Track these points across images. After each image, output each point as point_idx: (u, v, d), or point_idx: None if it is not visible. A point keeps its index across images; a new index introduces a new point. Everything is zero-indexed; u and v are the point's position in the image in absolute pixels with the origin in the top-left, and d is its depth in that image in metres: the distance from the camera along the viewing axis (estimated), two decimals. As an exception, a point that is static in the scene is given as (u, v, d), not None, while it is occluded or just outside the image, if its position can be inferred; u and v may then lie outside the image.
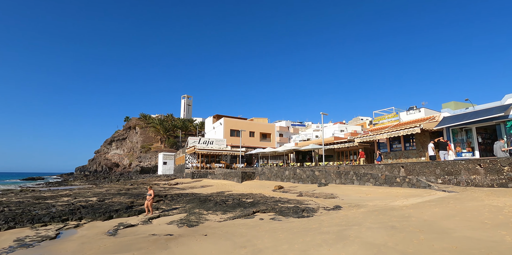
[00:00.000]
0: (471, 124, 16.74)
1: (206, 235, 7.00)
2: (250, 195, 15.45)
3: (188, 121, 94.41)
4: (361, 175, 15.41)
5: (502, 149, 13.31)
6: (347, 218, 7.84)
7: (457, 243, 4.53)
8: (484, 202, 8.02)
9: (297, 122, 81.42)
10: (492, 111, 15.19)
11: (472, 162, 12.10)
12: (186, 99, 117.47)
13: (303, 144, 35.14)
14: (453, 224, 5.90)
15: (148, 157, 77.99)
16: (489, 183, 11.34)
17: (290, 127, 55.69)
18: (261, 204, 11.60)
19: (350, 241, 5.17)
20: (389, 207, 9.04)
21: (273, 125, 48.87)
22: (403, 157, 20.97)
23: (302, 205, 10.79)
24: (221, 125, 43.90)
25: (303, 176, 19.61)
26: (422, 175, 13.90)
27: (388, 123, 23.62)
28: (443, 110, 19.31)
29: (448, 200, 8.91)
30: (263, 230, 7.11)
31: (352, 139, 25.44)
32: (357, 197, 12.27)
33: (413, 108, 23.19)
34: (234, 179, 25.45)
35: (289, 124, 58.96)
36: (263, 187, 19.54)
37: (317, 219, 8.20)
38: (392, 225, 6.34)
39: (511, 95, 15.15)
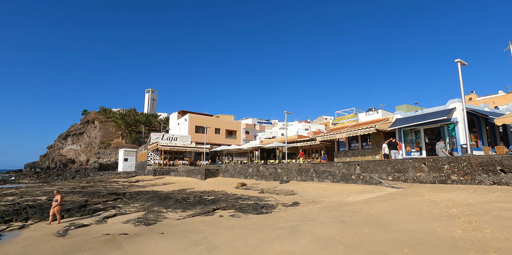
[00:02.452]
0: (419, 126, 18.20)
1: (163, 233, 6.92)
2: (212, 193, 15.44)
3: (152, 116, 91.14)
4: (320, 173, 16.08)
5: (442, 150, 14.70)
6: (303, 213, 8.19)
7: (395, 235, 4.98)
8: (425, 197, 8.82)
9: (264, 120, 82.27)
10: (437, 115, 16.65)
11: (418, 161, 13.20)
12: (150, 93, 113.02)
13: (267, 142, 35.69)
14: (396, 218, 6.45)
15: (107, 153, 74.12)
16: (431, 180, 12.46)
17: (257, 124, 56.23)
18: (222, 201, 11.67)
19: (302, 236, 5.45)
20: (342, 202, 9.58)
21: (240, 122, 49.00)
22: (360, 155, 22.21)
23: (262, 202, 11.04)
24: (186, 121, 43.06)
25: (266, 173, 19.98)
26: (375, 173, 14.87)
27: (347, 123, 24.84)
28: (396, 112, 20.75)
29: (395, 196, 9.67)
30: (221, 227, 7.20)
31: (314, 137, 26.39)
32: (315, 194, 12.82)
33: (372, 109, 24.59)
34: (198, 176, 25.20)
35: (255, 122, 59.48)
36: (226, 184, 19.60)
37: (275, 215, 8.47)
38: (343, 219, 6.77)
39: (454, 100, 16.71)
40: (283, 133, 42.67)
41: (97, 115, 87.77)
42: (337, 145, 24.51)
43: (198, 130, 42.56)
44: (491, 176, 10.63)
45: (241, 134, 47.70)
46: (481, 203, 7.04)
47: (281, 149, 32.99)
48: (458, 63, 13.86)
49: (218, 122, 45.80)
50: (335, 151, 24.80)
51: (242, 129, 48.44)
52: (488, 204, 6.89)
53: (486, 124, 17.49)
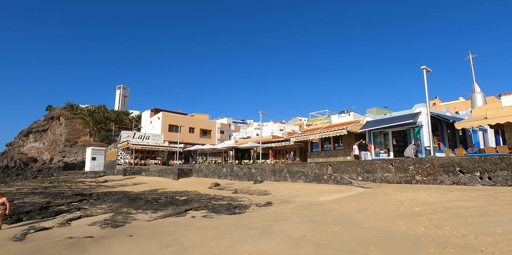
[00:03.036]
0: (388, 129, 19.05)
1: (132, 235, 6.68)
2: (184, 193, 15.15)
3: (123, 113, 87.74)
4: (293, 173, 16.32)
5: (411, 150, 15.52)
6: (276, 213, 8.27)
7: (363, 233, 5.16)
8: (391, 196, 9.23)
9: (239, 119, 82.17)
10: (404, 118, 17.51)
11: (386, 162, 13.79)
12: (122, 90, 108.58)
13: (242, 142, 35.67)
14: (364, 217, 6.68)
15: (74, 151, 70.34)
16: (398, 180, 13.07)
17: (232, 124, 56.00)
18: (195, 202, 11.49)
19: (274, 236, 5.49)
20: (314, 202, 9.79)
21: (214, 121, 48.57)
22: (332, 156, 22.83)
23: (235, 202, 11.00)
24: (159, 119, 41.95)
25: (240, 173, 19.95)
26: (346, 173, 15.34)
27: (321, 125, 25.44)
28: (367, 115, 21.57)
29: (363, 195, 10.03)
30: (193, 228, 7.08)
31: (289, 138, 26.76)
32: (289, 194, 12.99)
33: (344, 112, 25.37)
34: (170, 176, 24.64)
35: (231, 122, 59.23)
36: (200, 185, 19.33)
37: (248, 215, 8.47)
38: (314, 219, 6.90)
39: (419, 105, 17.66)
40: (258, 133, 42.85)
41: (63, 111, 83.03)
42: (310, 146, 25.02)
43: (172, 129, 41.62)
44: (451, 176, 11.34)
45: (216, 134, 47.31)
46: (442, 202, 7.49)
47: (256, 149, 33.11)
48: (423, 70, 14.66)
49: (193, 121, 45.09)
50: (308, 151, 25.30)
51: (217, 128, 48.04)
52: (448, 202, 7.34)
53: (447, 128, 18.66)
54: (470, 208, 6.40)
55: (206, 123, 46.77)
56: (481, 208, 6.32)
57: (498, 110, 13.22)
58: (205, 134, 46.10)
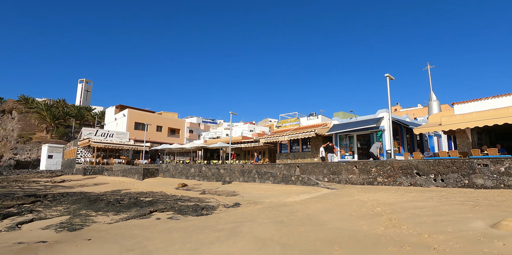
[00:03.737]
0: (353, 132, 19.87)
1: (90, 239, 6.29)
2: (150, 194, 14.64)
3: (85, 109, 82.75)
4: (262, 174, 16.43)
5: (377, 149, 16.31)
6: (244, 214, 8.25)
7: (328, 233, 5.31)
8: (355, 197, 9.63)
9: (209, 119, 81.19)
10: (368, 122, 18.39)
11: (350, 164, 14.37)
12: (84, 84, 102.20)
13: (212, 142, 35.28)
14: (329, 217, 6.89)
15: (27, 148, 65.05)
16: (361, 181, 13.67)
17: (201, 124, 55.15)
18: (160, 203, 11.13)
19: (241, 237, 5.47)
20: (282, 203, 9.92)
21: (183, 120, 47.53)
22: (300, 157, 23.34)
23: (202, 203, 10.83)
24: (124, 116, 40.18)
25: (209, 174, 19.70)
26: (313, 174, 15.75)
27: (290, 127, 25.91)
28: (334, 118, 22.34)
29: (329, 196, 10.36)
30: (157, 230, 6.84)
31: (258, 139, 26.92)
32: (257, 194, 13.05)
33: (313, 115, 26.04)
34: (135, 176, 23.68)
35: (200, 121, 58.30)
36: (166, 185, 18.79)
37: (216, 216, 8.37)
38: (281, 220, 6.99)
39: (382, 110, 18.64)
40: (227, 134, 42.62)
41: (16, 105, 76.52)
42: (279, 147, 25.37)
43: (138, 127, 40.07)
44: (409, 178, 12.09)
45: (185, 133, 46.33)
46: (400, 202, 7.94)
47: (225, 150, 32.91)
48: (387, 77, 15.50)
49: (161, 119, 43.76)
50: (277, 153, 25.63)
51: (186, 127, 47.06)
52: (406, 203, 7.80)
53: (407, 133, 19.88)
54: (425, 208, 6.85)
55: (175, 122, 45.62)
56: (434, 208, 6.79)
57: (451, 117, 14.34)
58: (174, 133, 44.95)
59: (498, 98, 13.95)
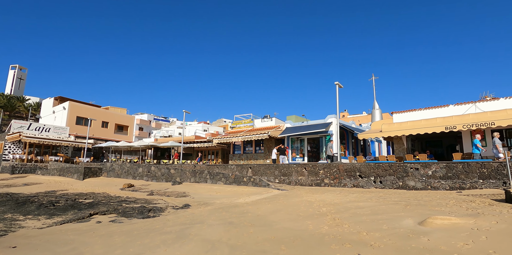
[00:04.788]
0: (304, 135, 20.71)
1: (16, 247, 5.60)
2: (91, 195, 13.54)
3: (17, 99, 73.50)
4: (214, 174, 16.26)
5: (330, 149, 17.11)
6: (193, 216, 8.07)
7: (276, 234, 5.45)
8: (303, 198, 10.02)
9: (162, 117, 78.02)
10: (318, 127, 19.33)
11: (300, 166, 14.93)
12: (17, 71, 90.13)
13: (163, 141, 33.93)
14: (278, 217, 7.07)
15: None
16: (310, 182, 14.28)
17: (153, 121, 52.69)
18: (102, 205, 10.36)
19: (189, 240, 5.33)
20: (233, 204, 9.92)
21: (133, 117, 44.96)
22: (253, 159, 23.60)
23: (150, 205, 10.34)
24: (65, 109, 36.66)
25: (158, 174, 18.90)
26: (265, 176, 16.03)
27: (244, 128, 26.08)
28: (287, 122, 23.07)
29: (279, 197, 10.64)
30: (97, 235, 6.35)
31: (212, 139, 26.61)
32: (208, 195, 12.87)
33: (267, 117, 26.55)
34: (74, 175, 21.72)
35: (151, 118, 55.69)
36: (110, 186, 17.57)
37: (163, 218, 8.06)
38: (231, 221, 6.98)
39: (331, 116, 19.75)
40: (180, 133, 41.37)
41: None
42: (233, 148, 25.37)
43: (80, 122, 36.86)
44: (352, 180, 12.96)
45: (134, 130, 43.83)
46: (344, 203, 8.48)
47: (177, 149, 31.90)
48: (336, 85, 16.47)
49: (107, 114, 40.80)
50: (230, 153, 25.60)
51: (136, 124, 44.55)
52: (349, 203, 8.35)
53: (352, 138, 21.32)
54: (365, 208, 7.40)
55: (123, 118, 42.92)
56: (373, 208, 7.37)
57: (390, 125, 15.75)
58: (121, 130, 42.25)
59: (429, 109, 15.70)
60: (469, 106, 14.59)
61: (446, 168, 10.84)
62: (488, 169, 10.09)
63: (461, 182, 10.48)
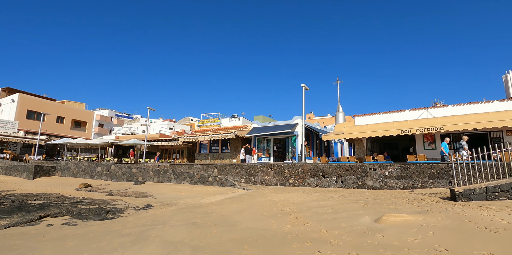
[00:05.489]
0: (270, 136, 20.98)
1: (-51, 254, 5.01)
2: (41, 196, 12.55)
3: (-45, 90, 65.87)
4: (178, 174, 15.88)
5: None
6: (155, 217, 7.82)
7: (240, 233, 5.45)
8: (268, 197, 10.14)
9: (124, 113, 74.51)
10: (284, 127, 19.70)
11: (266, 166, 15.10)
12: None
13: (125, 138, 32.44)
14: (242, 217, 7.08)
15: None
16: (275, 182, 14.49)
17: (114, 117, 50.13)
18: (54, 207, 9.65)
19: (149, 242, 5.15)
20: (197, 204, 9.76)
21: (92, 112, 42.41)
22: (219, 158, 23.42)
23: (108, 206, 9.82)
24: (13, 102, 33.57)
25: (119, 173, 18.03)
26: (231, 175, 15.98)
27: (211, 127, 25.79)
28: (254, 121, 23.22)
29: (244, 197, 10.66)
30: (47, 239, 5.90)
31: (177, 138, 25.97)
32: (172, 196, 12.54)
33: (235, 116, 26.47)
34: (23, 174, 19.99)
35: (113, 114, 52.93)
36: (65, 185, 16.43)
37: (123, 220, 7.70)
38: (195, 221, 6.87)
39: (297, 117, 20.23)
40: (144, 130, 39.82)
41: None
42: (199, 147, 24.97)
43: (32, 116, 33.99)
44: (316, 180, 13.38)
45: (93, 127, 41.36)
46: (307, 202, 8.72)
47: (140, 147, 30.68)
48: (303, 87, 16.91)
49: (63, 109, 38.04)
50: (196, 152, 25.17)
51: (95, 120, 42.07)
52: (311, 202, 8.61)
53: (316, 139, 22.01)
54: (326, 207, 7.68)
55: (81, 113, 40.32)
56: (334, 206, 7.68)
57: (352, 127, 16.51)
58: (79, 126, 39.66)
59: (387, 113, 16.70)
60: (422, 111, 15.76)
61: (401, 169, 11.61)
62: (437, 170, 10.97)
63: (413, 181, 11.28)
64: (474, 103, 14.62)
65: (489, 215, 5.57)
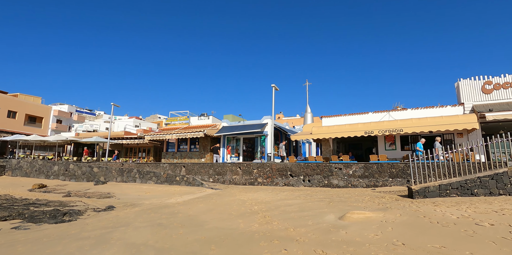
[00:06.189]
0: (240, 135, 20.96)
1: None
2: (-13, 197, 11.46)
3: None
4: (144, 173, 15.32)
5: (280, 149, 17.42)
6: (118, 219, 7.46)
7: (207, 234, 5.37)
8: (236, 197, 10.12)
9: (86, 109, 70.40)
10: (254, 127, 19.78)
11: (235, 165, 15.06)
12: None
13: (86, 135, 30.63)
14: (210, 217, 6.99)
15: None
16: (244, 182, 14.49)
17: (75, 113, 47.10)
18: (3, 209, 8.85)
19: (110, 245, 4.90)
20: (163, 204, 9.48)
21: (49, 107, 39.53)
22: (188, 157, 22.94)
23: (65, 208, 9.21)
24: (-43, 95, 30.30)
25: (78, 173, 16.98)
26: (199, 175, 15.72)
27: (179, 125, 25.19)
28: (223, 120, 23.06)
29: (212, 196, 10.54)
30: (-7, 244, 5.38)
31: (143, 136, 25.04)
32: (136, 196, 12.06)
33: (204, 115, 26.07)
34: (-35, 174, 18.11)
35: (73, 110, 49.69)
36: (16, 186, 15.16)
37: (81, 222, 7.26)
38: (160, 222, 6.65)
39: (267, 117, 20.41)
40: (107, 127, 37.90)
41: None
42: (166, 145, 24.28)
43: (-22, 111, 30.92)
44: (284, 179, 13.59)
45: (50, 123, 38.55)
46: (275, 201, 8.82)
47: (103, 145, 29.15)
48: (273, 87, 17.10)
49: (15, 102, 35.01)
50: (163, 151, 24.45)
51: (53, 116, 39.23)
52: (279, 201, 8.72)
53: (285, 139, 22.36)
54: (294, 205, 7.83)
55: (37, 108, 37.38)
56: (300, 205, 7.84)
57: (319, 128, 17.00)
58: (34, 121, 36.74)
59: (353, 115, 17.42)
60: (384, 114, 16.64)
61: (364, 168, 12.17)
62: (396, 169, 11.65)
63: (375, 180, 11.88)
64: (430, 107, 15.72)
65: (441, 211, 6.02)
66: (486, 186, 7.89)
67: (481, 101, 14.94)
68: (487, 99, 14.88)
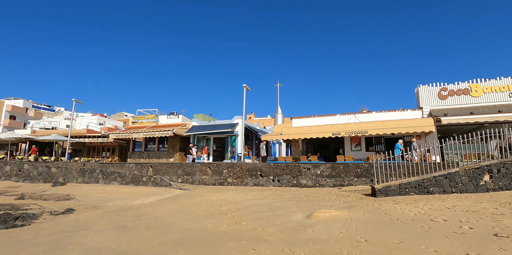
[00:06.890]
0: (210, 134, 20.74)
1: None
2: None
3: None
4: (108, 174, 14.61)
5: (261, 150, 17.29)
6: (78, 222, 7.04)
7: (174, 236, 5.24)
8: (205, 197, 9.98)
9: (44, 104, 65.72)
10: (225, 127, 19.67)
11: (204, 165, 14.86)
12: None
13: (44, 133, 28.58)
14: (177, 218, 6.83)
15: None
16: (213, 182, 14.34)
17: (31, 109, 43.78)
18: None
19: (68, 250, 4.60)
20: (128, 206, 9.09)
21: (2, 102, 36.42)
22: (155, 157, 22.25)
23: (18, 211, 8.51)
24: None
25: (34, 173, 15.79)
26: (167, 175, 15.30)
27: (147, 123, 24.36)
28: (194, 120, 22.68)
29: (180, 197, 10.31)
30: None
31: (107, 134, 23.87)
32: (98, 198, 11.46)
33: (174, 114, 25.44)
34: None
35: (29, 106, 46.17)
36: (-42, 188, 13.72)
37: (36, 227, 6.74)
38: (124, 225, 6.38)
39: (238, 117, 20.40)
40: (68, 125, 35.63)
41: None
42: (133, 145, 23.36)
43: None
44: (254, 179, 13.64)
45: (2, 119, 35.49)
46: (244, 201, 8.82)
47: (62, 144, 27.38)
48: (244, 87, 17.13)
49: (-38, 97, 31.81)
50: (130, 151, 23.50)
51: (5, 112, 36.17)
52: (248, 201, 8.74)
53: (256, 139, 22.49)
54: (263, 205, 7.88)
55: (-13, 104, 34.26)
56: (270, 205, 7.92)
57: (290, 129, 17.30)
58: (-18, 118, 33.61)
59: (321, 117, 17.94)
60: (350, 116, 17.33)
61: (331, 168, 12.58)
62: (361, 169, 12.17)
63: (341, 180, 12.32)
64: (393, 111, 16.64)
65: (401, 208, 6.39)
66: (441, 184, 8.51)
67: (438, 106, 16.09)
68: (443, 104, 16.06)
